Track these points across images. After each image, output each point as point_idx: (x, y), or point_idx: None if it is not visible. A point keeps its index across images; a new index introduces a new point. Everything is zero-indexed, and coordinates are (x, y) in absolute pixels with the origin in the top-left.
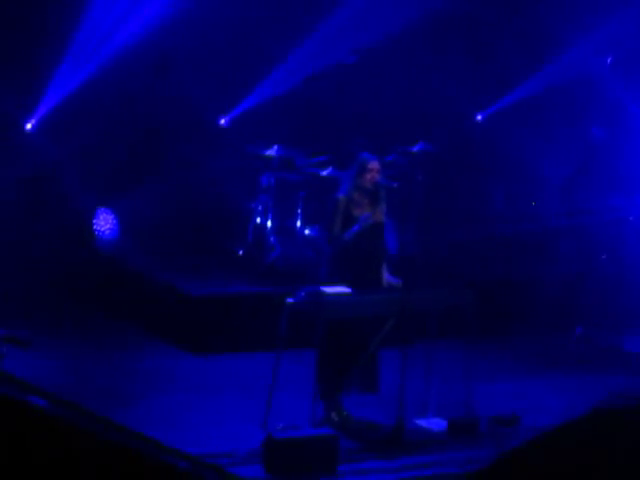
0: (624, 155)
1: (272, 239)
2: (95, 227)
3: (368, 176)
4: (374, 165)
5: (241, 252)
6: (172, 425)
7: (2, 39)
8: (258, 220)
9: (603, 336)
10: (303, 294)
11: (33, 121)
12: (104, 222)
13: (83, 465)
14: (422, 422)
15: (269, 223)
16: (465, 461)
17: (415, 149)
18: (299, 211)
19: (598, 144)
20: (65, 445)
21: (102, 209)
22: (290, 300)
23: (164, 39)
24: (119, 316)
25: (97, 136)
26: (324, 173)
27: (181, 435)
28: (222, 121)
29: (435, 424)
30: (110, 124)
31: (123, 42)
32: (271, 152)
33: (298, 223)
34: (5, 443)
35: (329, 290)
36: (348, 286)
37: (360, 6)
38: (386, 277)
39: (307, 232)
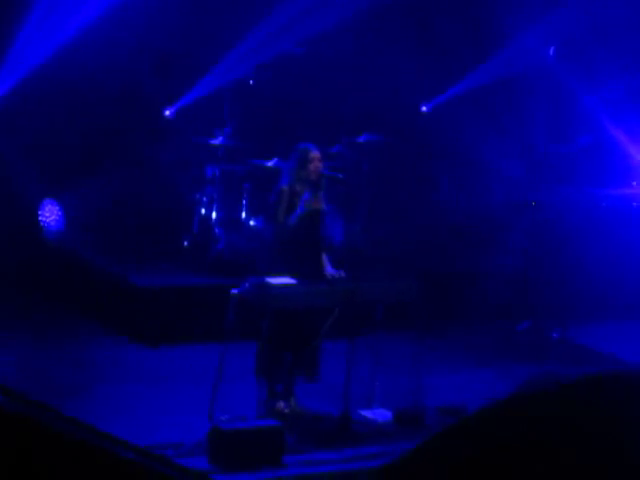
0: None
1: (217, 230)
2: (41, 218)
3: (311, 166)
4: (315, 154)
5: (186, 243)
6: (119, 416)
7: None
8: (203, 211)
9: (550, 327)
10: (248, 285)
11: None
12: (49, 213)
13: (30, 456)
14: (367, 413)
15: (214, 214)
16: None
17: (361, 140)
18: (244, 202)
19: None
20: (11, 436)
21: (48, 200)
22: (235, 291)
23: (109, 30)
24: (67, 308)
25: (43, 128)
26: (269, 164)
27: (128, 426)
28: (167, 112)
29: (380, 415)
30: (56, 116)
31: (70, 34)
32: (216, 142)
33: (243, 214)
34: None
35: (274, 281)
36: (288, 274)
37: None
38: (328, 269)
39: (252, 223)
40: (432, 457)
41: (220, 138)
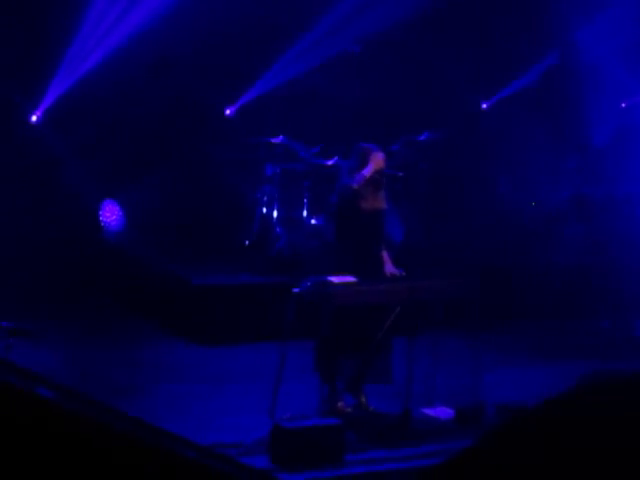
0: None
1: (278, 229)
2: (101, 218)
3: (373, 167)
4: (379, 155)
5: (247, 242)
6: (179, 416)
7: (7, 31)
8: (264, 210)
9: (612, 324)
10: (309, 284)
11: (38, 113)
12: (110, 213)
13: (91, 455)
14: (429, 411)
15: (275, 213)
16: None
17: (420, 138)
18: (305, 201)
19: None
20: (73, 436)
21: (108, 200)
22: (296, 290)
23: (169, 30)
24: (125, 307)
25: (103, 128)
26: (329, 163)
27: (188, 425)
28: (227, 111)
29: (442, 413)
30: (115, 115)
31: (128, 33)
32: (276, 142)
33: (304, 213)
34: (12, 434)
35: (335, 280)
36: (349, 273)
37: None
38: (388, 268)
39: (313, 222)
40: (486, 457)
41: (280, 138)
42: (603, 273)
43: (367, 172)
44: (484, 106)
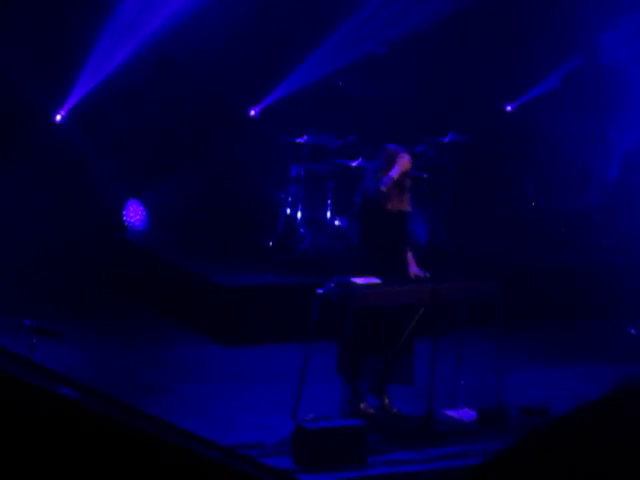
0: None
1: (302, 230)
2: (125, 218)
3: (400, 168)
4: (405, 157)
5: (271, 243)
6: (202, 416)
7: (32, 31)
8: (288, 211)
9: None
10: (333, 285)
11: (63, 112)
12: (134, 213)
13: (114, 455)
14: (452, 413)
15: (299, 214)
16: (495, 452)
17: (445, 140)
18: (329, 202)
19: None
20: (95, 436)
21: (132, 200)
22: (320, 291)
23: (195, 30)
24: (149, 307)
25: (127, 128)
26: (354, 164)
27: (211, 426)
28: (252, 112)
29: (465, 414)
30: (140, 115)
31: (153, 33)
32: (301, 141)
33: (328, 214)
34: (35, 434)
35: (359, 281)
36: (373, 274)
37: None
38: (412, 269)
39: (337, 223)
40: (520, 461)
41: (304, 137)
42: (630, 274)
43: (395, 174)
44: (509, 108)
